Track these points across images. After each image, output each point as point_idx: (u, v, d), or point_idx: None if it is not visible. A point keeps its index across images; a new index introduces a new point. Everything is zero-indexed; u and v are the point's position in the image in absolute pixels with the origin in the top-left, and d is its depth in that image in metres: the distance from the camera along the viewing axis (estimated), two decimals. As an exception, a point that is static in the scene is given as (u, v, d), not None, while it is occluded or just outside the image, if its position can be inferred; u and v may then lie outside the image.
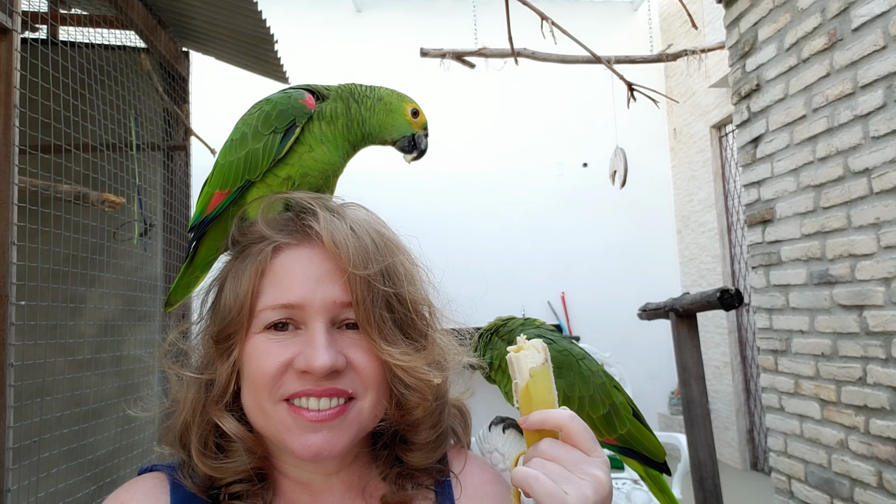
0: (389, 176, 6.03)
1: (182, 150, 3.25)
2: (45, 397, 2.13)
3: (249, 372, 0.67)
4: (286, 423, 0.65)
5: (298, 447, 0.64)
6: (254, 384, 0.66)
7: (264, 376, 0.65)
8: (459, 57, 3.77)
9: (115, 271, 2.73)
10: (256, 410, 0.67)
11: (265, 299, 0.67)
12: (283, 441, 0.65)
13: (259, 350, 0.66)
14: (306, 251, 0.68)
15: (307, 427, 0.64)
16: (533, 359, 0.64)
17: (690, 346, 2.29)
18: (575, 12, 6.30)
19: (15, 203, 1.72)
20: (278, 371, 0.65)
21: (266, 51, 3.18)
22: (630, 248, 6.20)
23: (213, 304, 0.72)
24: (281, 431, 0.65)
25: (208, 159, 3.58)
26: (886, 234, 1.91)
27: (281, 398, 0.65)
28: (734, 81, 2.64)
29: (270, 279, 0.67)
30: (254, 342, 0.67)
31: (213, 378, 0.69)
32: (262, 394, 0.65)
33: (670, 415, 5.80)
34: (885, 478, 1.91)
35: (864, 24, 1.95)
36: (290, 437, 0.64)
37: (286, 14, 5.73)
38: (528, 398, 0.63)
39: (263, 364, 0.65)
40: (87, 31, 2.95)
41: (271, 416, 0.65)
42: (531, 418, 0.61)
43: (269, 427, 0.66)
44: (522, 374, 0.64)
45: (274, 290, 0.66)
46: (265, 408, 0.65)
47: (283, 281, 0.66)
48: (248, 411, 0.68)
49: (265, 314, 0.66)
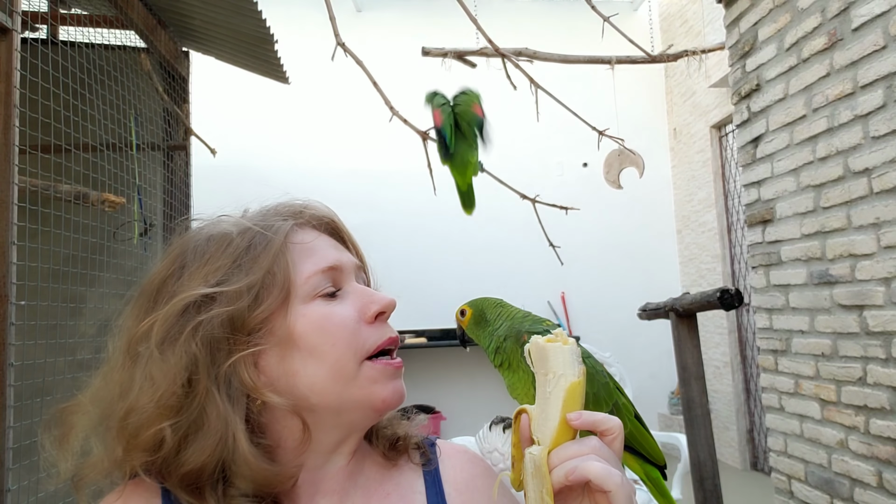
0: (389, 176, 6.04)
1: (182, 149, 3.25)
2: (45, 397, 2.13)
3: (320, 341, 0.65)
4: (372, 377, 0.66)
5: (390, 391, 0.67)
6: (334, 349, 0.65)
7: (348, 336, 0.66)
8: (461, 56, 3.77)
9: (115, 271, 2.73)
10: (334, 377, 0.65)
11: (306, 267, 0.68)
12: (371, 394, 0.66)
13: (323, 314, 0.66)
14: (311, 231, 0.73)
15: (394, 374, 0.68)
16: (575, 355, 0.61)
17: (690, 346, 2.29)
18: (575, 12, 6.30)
19: (15, 203, 1.72)
20: (355, 326, 0.67)
21: (266, 51, 3.18)
22: (630, 248, 6.20)
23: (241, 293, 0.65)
24: (366, 387, 0.66)
25: (208, 159, 3.60)
26: (886, 234, 1.91)
27: (365, 355, 0.67)
28: (734, 81, 2.64)
29: (301, 251, 0.69)
30: (310, 311, 0.66)
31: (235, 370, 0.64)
32: (346, 354, 0.65)
33: (670, 415, 5.79)
34: (886, 478, 1.91)
35: (864, 24, 1.95)
36: (378, 386, 0.66)
37: (286, 14, 5.72)
38: (574, 396, 0.60)
39: (338, 324, 0.66)
40: (87, 30, 2.95)
41: (355, 377, 0.66)
42: (584, 416, 0.59)
43: (351, 390, 0.66)
44: (565, 365, 0.60)
45: (312, 259, 0.69)
46: (349, 370, 0.65)
47: (313, 251, 0.70)
48: (317, 384, 0.64)
49: (314, 280, 0.67)
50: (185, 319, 0.63)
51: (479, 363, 5.74)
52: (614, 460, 0.58)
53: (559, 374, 0.60)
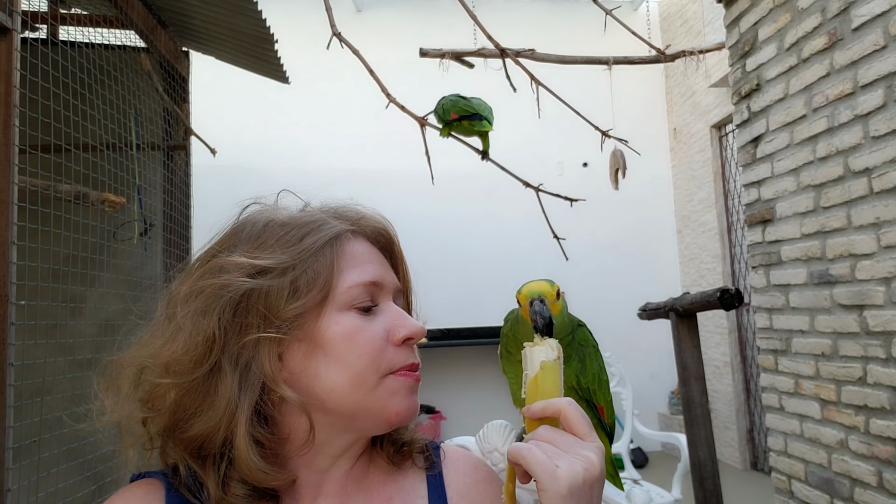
0: (389, 176, 6.04)
1: (182, 149, 3.25)
2: (45, 397, 2.13)
3: (346, 350, 0.66)
4: (393, 389, 0.68)
5: (405, 406, 0.68)
6: (359, 360, 0.66)
7: (372, 351, 0.66)
8: (458, 57, 3.76)
9: (115, 271, 2.73)
10: (355, 386, 0.66)
11: (351, 277, 0.68)
12: (388, 405, 0.67)
13: (355, 327, 0.67)
14: (363, 241, 0.73)
15: (413, 387, 0.70)
16: (546, 354, 0.68)
17: (690, 346, 2.29)
18: (575, 12, 6.31)
19: (15, 203, 1.72)
20: (382, 345, 0.67)
21: (266, 51, 3.18)
22: (630, 248, 6.20)
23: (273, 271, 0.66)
24: (384, 398, 0.67)
25: (208, 159, 3.59)
26: (886, 233, 1.91)
27: (388, 371, 0.67)
28: (734, 81, 2.64)
29: (349, 259, 0.69)
30: (343, 319, 0.67)
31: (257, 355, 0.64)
32: (369, 368, 0.66)
33: (670, 415, 5.79)
34: (886, 478, 1.91)
35: (865, 24, 1.95)
36: (396, 399, 0.68)
37: (286, 14, 5.72)
38: (536, 389, 0.66)
39: (366, 339, 0.67)
40: (87, 30, 2.95)
41: (375, 388, 0.67)
42: (533, 407, 0.65)
43: (368, 399, 0.66)
44: (534, 366, 0.68)
45: (358, 269, 0.69)
46: (370, 381, 0.66)
47: (361, 262, 0.70)
48: (337, 390, 0.65)
49: (354, 291, 0.68)
50: (222, 292, 0.64)
51: (480, 363, 5.74)
52: (567, 442, 0.60)
53: (526, 372, 0.69)
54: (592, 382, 0.97)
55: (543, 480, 0.57)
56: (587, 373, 0.97)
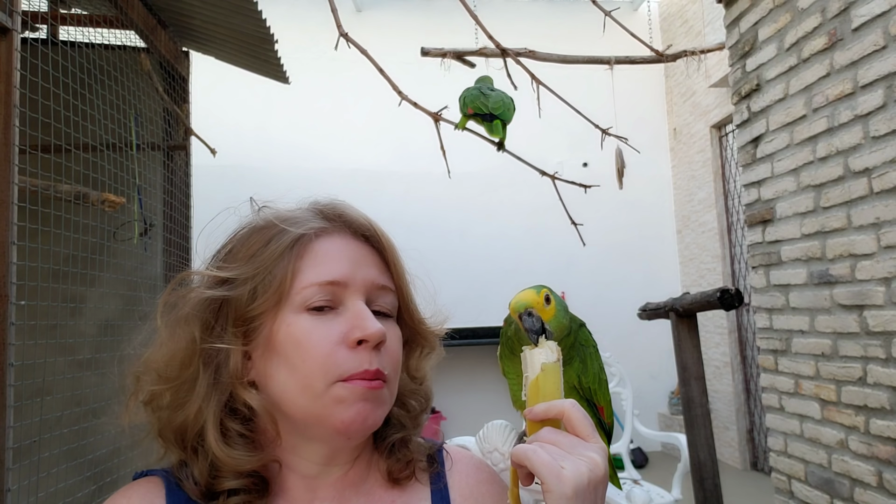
0: (390, 176, 6.04)
1: (182, 149, 3.25)
2: (45, 397, 2.13)
3: (295, 354, 0.65)
4: (339, 397, 0.65)
5: (351, 415, 0.65)
6: (305, 365, 0.65)
7: (319, 355, 0.65)
8: (460, 56, 3.76)
9: (115, 271, 2.73)
10: (302, 392, 0.65)
11: (307, 277, 0.67)
12: (333, 414, 0.65)
13: (306, 329, 0.66)
14: (340, 237, 0.71)
15: (364, 395, 0.65)
16: (547, 356, 0.68)
17: (690, 346, 2.29)
18: (575, 12, 6.31)
19: (15, 203, 1.72)
20: (333, 350, 0.65)
21: (266, 51, 3.18)
22: (630, 248, 6.20)
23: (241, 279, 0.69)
24: (330, 406, 0.65)
25: (208, 159, 3.59)
26: (886, 234, 1.91)
27: (338, 378, 0.65)
28: (734, 81, 2.64)
29: (310, 260, 0.68)
30: (295, 321, 0.66)
31: (227, 357, 0.67)
32: (316, 373, 0.65)
33: (670, 415, 5.79)
34: (886, 478, 1.91)
35: (865, 24, 1.95)
36: (341, 407, 0.65)
37: (286, 14, 5.72)
38: (537, 390, 0.66)
39: (314, 343, 0.65)
40: (87, 30, 2.95)
41: (322, 395, 0.65)
42: (536, 409, 0.64)
43: (315, 406, 0.65)
44: (534, 368, 0.68)
45: (317, 269, 0.68)
46: (316, 388, 0.65)
47: (324, 261, 0.69)
48: (285, 392, 0.66)
49: (308, 292, 0.67)
50: (192, 302, 0.68)
51: (480, 363, 5.74)
52: (570, 443, 0.60)
53: (526, 374, 0.69)
54: (593, 382, 0.98)
55: (549, 482, 0.56)
56: (588, 373, 0.97)
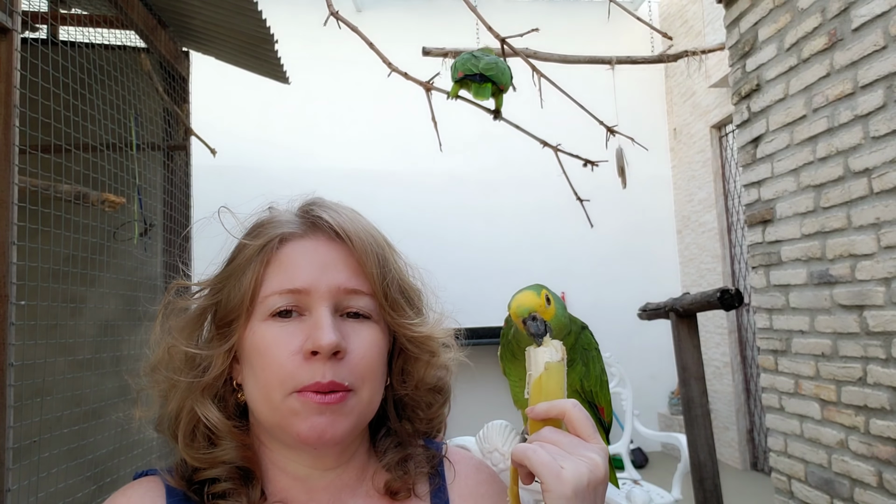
0: (390, 176, 6.04)
1: (182, 149, 3.25)
2: (45, 397, 2.13)
3: (257, 362, 0.66)
4: (293, 409, 0.65)
5: (305, 428, 0.64)
6: (264, 374, 0.66)
7: (276, 367, 0.65)
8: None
9: (115, 271, 2.73)
10: (263, 400, 0.66)
11: (271, 285, 0.68)
12: (290, 426, 0.65)
13: (266, 339, 0.66)
14: (311, 241, 0.70)
15: (315, 409, 0.64)
16: (551, 355, 0.68)
17: (690, 346, 2.29)
18: (575, 12, 6.31)
19: (15, 203, 1.72)
20: (289, 361, 0.65)
21: (266, 51, 3.18)
22: (630, 248, 6.20)
23: (216, 288, 0.72)
24: (287, 417, 0.65)
25: (208, 159, 3.59)
26: (886, 234, 1.91)
27: (293, 390, 0.65)
28: (734, 81, 2.64)
29: (276, 267, 0.68)
30: (259, 329, 0.67)
31: (209, 362, 0.69)
32: (273, 385, 0.65)
33: (670, 415, 5.79)
34: (886, 478, 1.91)
35: (865, 24, 1.95)
36: (297, 420, 0.65)
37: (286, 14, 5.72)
38: (539, 389, 0.66)
39: (273, 353, 0.65)
40: (87, 31, 2.95)
41: (279, 406, 0.65)
42: (538, 408, 0.64)
43: (275, 416, 0.66)
44: (538, 367, 0.68)
45: (280, 277, 0.68)
46: (273, 398, 0.65)
47: (288, 268, 0.68)
48: (253, 400, 0.68)
49: (271, 300, 0.67)
50: (182, 304, 0.73)
51: (479, 363, 5.73)
52: (571, 443, 0.60)
53: (529, 372, 0.69)
54: (595, 385, 0.98)
55: (548, 482, 0.57)
56: (591, 376, 0.97)
